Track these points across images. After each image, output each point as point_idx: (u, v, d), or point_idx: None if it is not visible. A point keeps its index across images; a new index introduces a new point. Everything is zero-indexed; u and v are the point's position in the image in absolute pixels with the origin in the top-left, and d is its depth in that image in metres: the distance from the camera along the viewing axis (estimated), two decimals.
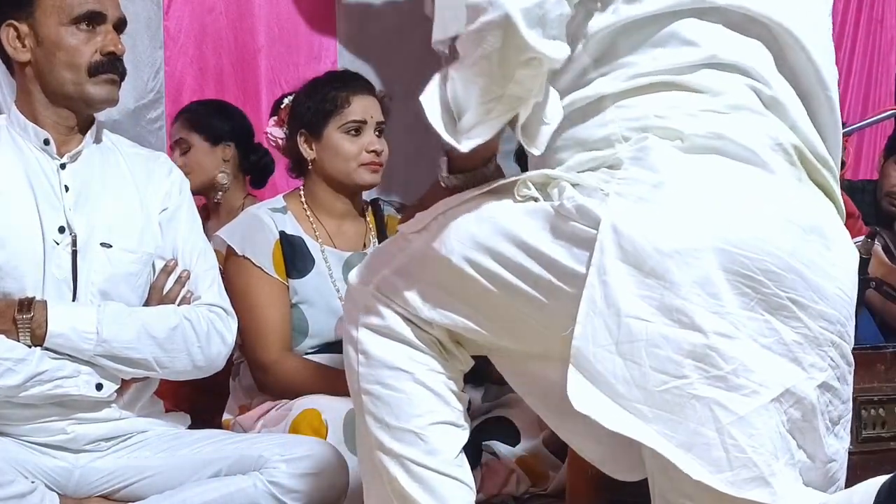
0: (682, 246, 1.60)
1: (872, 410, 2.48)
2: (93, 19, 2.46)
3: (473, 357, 1.85)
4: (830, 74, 1.77)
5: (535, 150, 1.71)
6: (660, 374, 1.60)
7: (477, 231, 1.73)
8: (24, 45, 2.47)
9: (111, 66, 2.47)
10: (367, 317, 1.82)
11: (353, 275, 1.88)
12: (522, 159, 2.89)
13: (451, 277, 1.74)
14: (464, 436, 1.84)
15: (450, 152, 1.79)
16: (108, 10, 2.48)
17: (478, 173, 1.81)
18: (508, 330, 1.77)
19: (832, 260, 1.68)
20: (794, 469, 1.64)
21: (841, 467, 1.72)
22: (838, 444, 1.71)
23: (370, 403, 1.82)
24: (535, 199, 1.71)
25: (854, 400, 2.45)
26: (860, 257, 2.91)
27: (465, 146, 1.69)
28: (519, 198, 1.73)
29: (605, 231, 1.62)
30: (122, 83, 2.53)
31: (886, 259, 3.28)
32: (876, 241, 3.05)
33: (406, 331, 1.80)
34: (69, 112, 2.49)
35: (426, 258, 1.77)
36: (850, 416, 1.73)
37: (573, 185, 1.67)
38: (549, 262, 1.67)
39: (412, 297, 1.79)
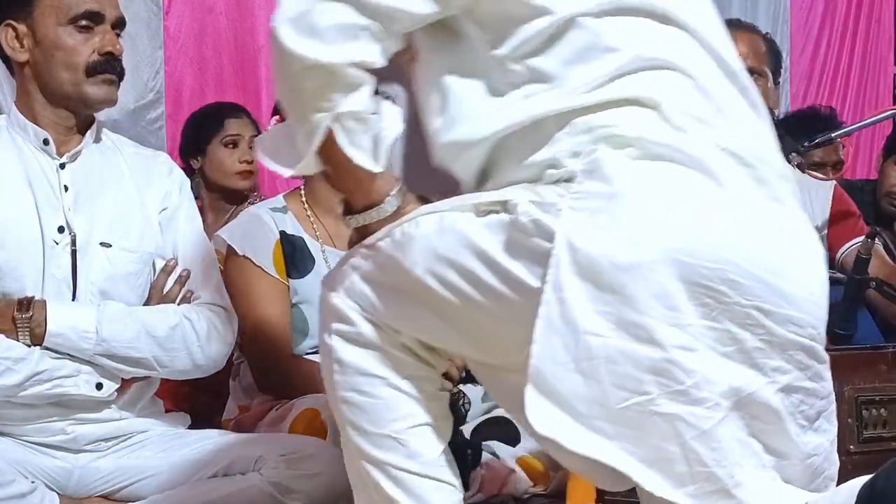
0: (638, 259, 1.58)
1: (874, 410, 2.48)
2: (91, 19, 2.45)
3: None
4: (737, 65, 1.75)
5: (374, 167, 1.74)
6: (620, 390, 1.58)
7: (439, 243, 1.71)
8: (22, 46, 2.47)
9: (109, 67, 2.46)
10: (339, 324, 1.82)
11: (324, 282, 1.88)
12: None
13: (414, 288, 1.74)
14: (445, 435, 1.83)
15: (344, 198, 1.84)
16: (107, 9, 2.47)
17: (381, 209, 1.81)
18: (473, 342, 1.76)
19: (798, 263, 1.67)
20: (767, 470, 1.63)
21: (826, 459, 1.71)
22: (820, 438, 1.69)
23: (348, 411, 1.81)
24: (496, 212, 1.69)
25: (855, 400, 2.47)
26: (860, 257, 2.94)
27: (286, 172, 1.78)
28: (480, 211, 1.71)
29: (560, 246, 1.59)
30: (122, 83, 2.52)
31: (889, 259, 3.28)
32: (876, 241, 3.05)
33: (377, 337, 1.79)
34: (68, 112, 2.49)
35: (391, 268, 1.76)
36: (833, 407, 1.72)
37: (531, 200, 1.66)
38: (507, 277, 1.66)
39: (379, 304, 1.78)
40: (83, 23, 2.45)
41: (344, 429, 1.84)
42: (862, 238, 3.05)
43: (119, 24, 2.50)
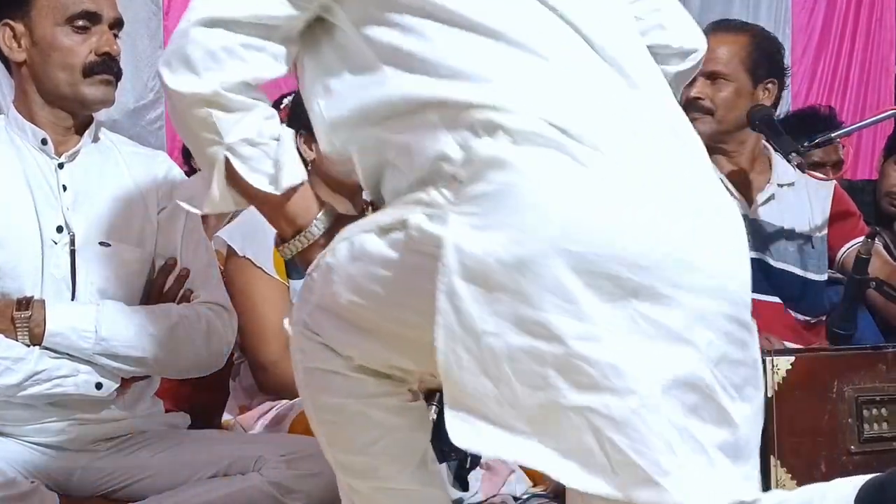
0: (525, 255, 1.54)
1: (874, 410, 2.48)
2: (88, 19, 2.45)
3: None
4: (611, 41, 1.69)
5: (276, 190, 1.79)
6: (529, 388, 1.55)
7: (354, 270, 1.72)
8: (20, 45, 2.47)
9: (106, 67, 2.45)
10: (305, 358, 1.81)
11: (288, 317, 1.86)
12: None
13: (348, 314, 1.74)
14: (417, 447, 1.82)
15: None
16: (104, 9, 2.47)
17: (308, 234, 1.85)
18: (417, 359, 1.75)
19: (699, 229, 1.61)
20: (704, 454, 1.58)
21: (751, 430, 1.66)
22: (746, 408, 1.64)
23: (326, 440, 1.85)
24: (397, 230, 1.68)
25: (855, 400, 2.47)
26: (860, 257, 2.95)
27: (198, 211, 1.84)
28: (382, 231, 1.71)
29: (448, 253, 1.57)
30: (122, 83, 2.52)
31: (890, 258, 3.28)
32: (877, 241, 3.05)
33: (338, 364, 1.78)
34: (65, 112, 2.48)
35: (327, 296, 1.76)
36: (758, 374, 1.67)
37: (423, 212, 1.64)
38: (414, 292, 1.64)
39: (330, 330, 1.78)
40: (80, 23, 2.44)
41: (326, 452, 1.87)
42: (862, 238, 3.05)
43: (117, 24, 2.50)
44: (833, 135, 3.32)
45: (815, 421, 2.43)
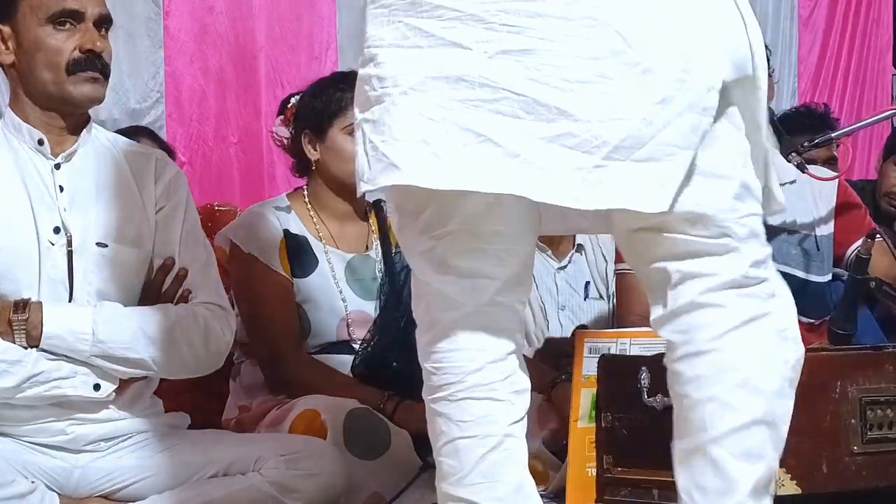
0: None
1: (879, 411, 2.47)
2: (71, 17, 2.43)
3: None
4: None
5: None
6: (363, 121, 1.74)
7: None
8: (7, 48, 2.46)
9: (90, 64, 2.43)
10: None
11: None
12: None
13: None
14: (482, 444, 1.79)
15: None
16: (88, 7, 2.44)
17: None
18: None
19: None
20: (480, 147, 1.67)
21: (615, 125, 1.68)
22: (594, 100, 1.67)
23: None
24: None
25: (859, 401, 2.47)
26: (860, 257, 2.95)
27: None
28: None
29: None
30: (123, 83, 2.51)
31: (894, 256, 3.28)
32: (883, 240, 3.05)
33: (420, 354, 1.83)
34: (55, 113, 2.47)
35: None
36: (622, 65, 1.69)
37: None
38: None
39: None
40: (63, 21, 2.42)
41: None
42: (862, 239, 3.05)
43: (103, 21, 2.47)
44: (833, 135, 3.32)
45: (817, 421, 2.42)
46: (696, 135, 1.68)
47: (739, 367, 1.74)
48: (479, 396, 1.78)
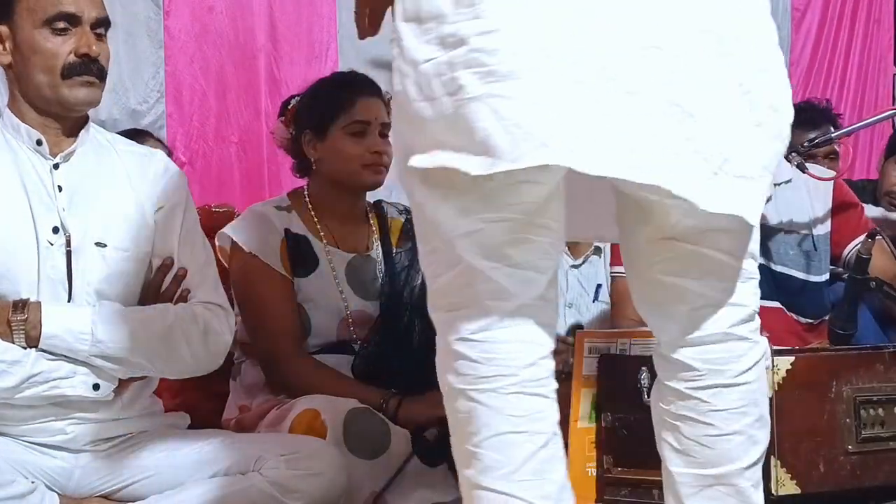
0: None
1: (871, 410, 2.48)
2: (67, 21, 2.43)
3: None
4: None
5: None
6: (448, 97, 1.66)
7: None
8: (4, 48, 2.46)
9: (85, 68, 2.43)
10: (439, 340, 1.81)
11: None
12: None
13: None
14: (532, 441, 1.76)
15: None
16: (84, 10, 2.44)
17: None
18: None
19: None
20: (624, 132, 1.66)
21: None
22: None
23: (451, 432, 1.81)
24: None
25: (853, 400, 2.47)
26: (860, 257, 2.95)
27: None
28: None
29: (397, 4, 1.73)
30: (123, 83, 2.51)
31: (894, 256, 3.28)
32: (883, 239, 3.05)
33: (453, 339, 1.77)
34: (52, 115, 2.47)
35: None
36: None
37: None
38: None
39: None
40: (59, 25, 2.42)
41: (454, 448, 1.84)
42: (862, 238, 3.05)
43: (100, 24, 2.47)
44: (833, 135, 3.32)
45: (815, 421, 2.43)
46: (776, 161, 1.77)
47: (760, 403, 1.81)
48: (530, 392, 1.75)
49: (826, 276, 3.39)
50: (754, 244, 1.83)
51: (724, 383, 1.79)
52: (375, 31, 1.90)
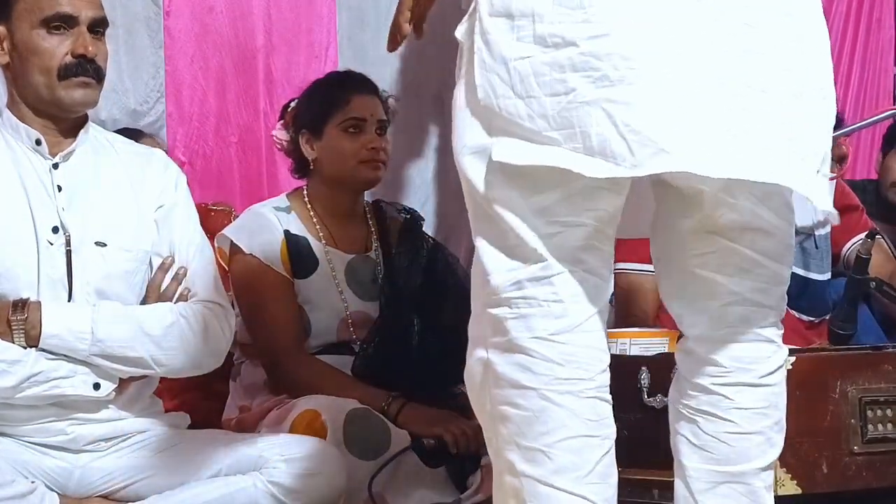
0: None
1: (878, 411, 2.48)
2: (64, 21, 2.43)
3: None
4: None
5: None
6: (553, 97, 1.67)
7: None
8: (2, 48, 2.47)
9: (81, 69, 2.43)
10: (497, 337, 1.76)
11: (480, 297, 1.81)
12: None
13: None
14: (602, 446, 1.78)
15: None
16: (81, 11, 2.44)
17: None
18: None
19: None
20: (722, 130, 1.67)
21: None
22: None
23: (502, 426, 1.76)
24: None
25: (859, 400, 2.47)
26: (860, 257, 2.95)
27: None
28: None
29: (481, 1, 1.73)
30: (123, 83, 2.51)
31: (892, 257, 3.28)
32: (880, 239, 3.05)
33: (526, 336, 1.73)
34: (50, 115, 2.47)
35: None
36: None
37: None
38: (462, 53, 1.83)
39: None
40: (56, 25, 2.43)
41: (496, 443, 1.80)
42: (862, 238, 3.05)
43: (97, 24, 2.47)
44: (833, 134, 3.31)
45: (817, 421, 2.42)
46: (827, 148, 1.79)
47: (780, 406, 1.84)
48: (602, 397, 1.76)
49: (828, 275, 3.39)
50: (789, 251, 1.85)
51: (750, 382, 1.81)
52: (420, 34, 1.91)
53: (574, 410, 1.73)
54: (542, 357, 1.72)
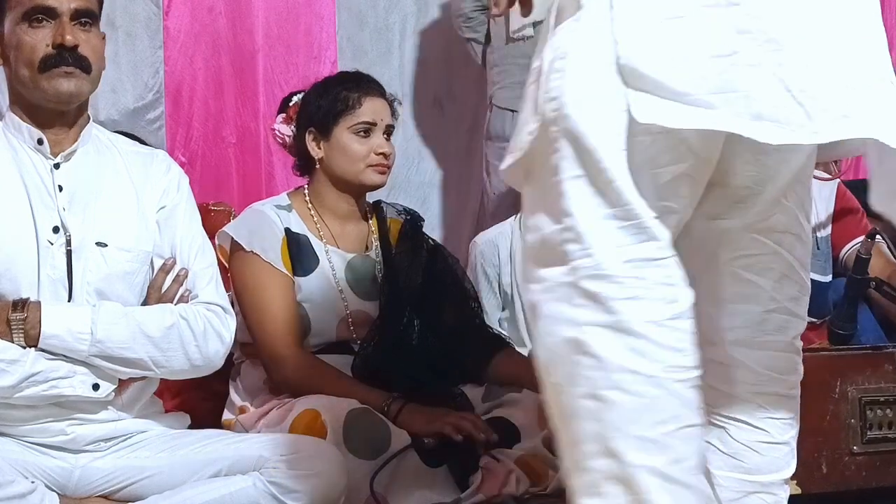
0: None
1: (878, 411, 2.48)
2: (45, 14, 2.43)
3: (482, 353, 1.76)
4: None
5: None
6: (713, 59, 1.57)
7: None
8: (1, 49, 2.47)
9: (62, 59, 2.41)
10: (591, 312, 1.63)
11: (533, 265, 1.69)
12: None
13: None
14: (702, 436, 1.68)
15: None
16: (63, 2, 2.43)
17: None
18: None
19: None
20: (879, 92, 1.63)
21: None
22: None
23: (606, 411, 1.62)
24: None
25: (859, 401, 2.47)
26: (860, 257, 2.95)
27: None
28: None
29: None
30: (123, 83, 2.51)
31: (892, 257, 3.28)
32: (879, 240, 3.06)
33: (640, 319, 1.62)
34: (44, 111, 2.47)
35: None
36: None
37: None
38: None
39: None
40: (37, 18, 2.42)
41: (588, 429, 1.65)
42: (862, 238, 3.06)
43: (80, 15, 2.46)
44: None
45: (817, 421, 2.43)
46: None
47: (798, 418, 1.81)
48: (701, 386, 1.66)
49: (829, 277, 3.39)
50: (809, 259, 1.82)
51: (782, 393, 1.80)
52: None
53: (686, 399, 1.62)
54: (656, 343, 1.61)
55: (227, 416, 3.01)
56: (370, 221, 3.15)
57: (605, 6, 1.62)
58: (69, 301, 2.41)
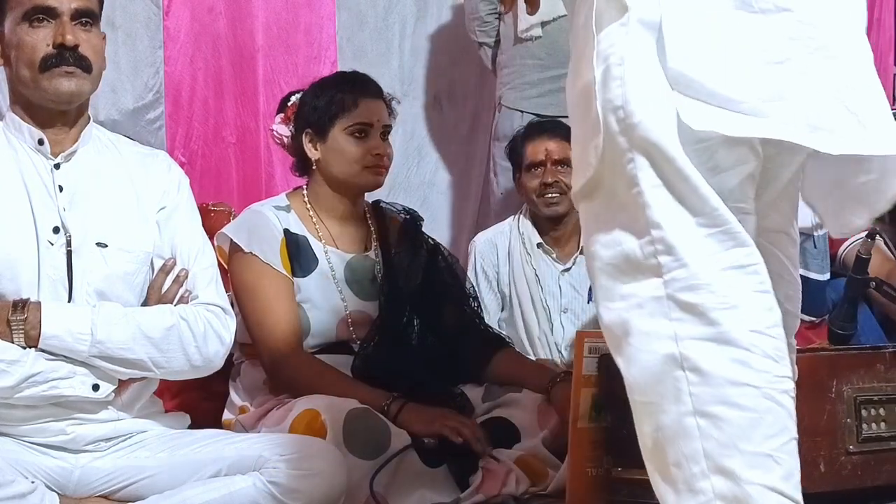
0: None
1: (872, 410, 2.49)
2: (45, 14, 2.43)
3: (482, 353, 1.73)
4: None
5: None
6: (765, 66, 1.55)
7: None
8: (3, 49, 2.48)
9: (62, 58, 2.42)
10: (690, 325, 1.58)
11: (615, 282, 1.64)
12: None
13: None
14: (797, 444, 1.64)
15: None
16: (63, 2, 2.43)
17: None
18: None
19: None
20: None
21: None
22: None
23: (715, 429, 1.56)
24: None
25: (854, 400, 2.47)
26: (860, 257, 2.95)
27: None
28: None
29: None
30: (123, 83, 2.51)
31: (891, 255, 3.28)
32: (878, 239, 3.06)
33: (743, 329, 1.57)
34: (45, 111, 2.47)
35: None
36: None
37: None
38: None
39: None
40: (38, 18, 2.43)
41: (694, 446, 1.58)
42: (863, 235, 3.06)
43: (81, 14, 2.46)
44: None
45: (815, 420, 2.43)
46: None
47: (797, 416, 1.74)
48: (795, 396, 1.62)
49: (827, 275, 3.39)
50: (798, 256, 1.81)
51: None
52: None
53: (790, 411, 1.58)
54: (760, 352, 1.56)
55: (227, 416, 3.02)
56: (369, 221, 3.15)
57: (654, 6, 1.58)
58: (69, 301, 2.41)
